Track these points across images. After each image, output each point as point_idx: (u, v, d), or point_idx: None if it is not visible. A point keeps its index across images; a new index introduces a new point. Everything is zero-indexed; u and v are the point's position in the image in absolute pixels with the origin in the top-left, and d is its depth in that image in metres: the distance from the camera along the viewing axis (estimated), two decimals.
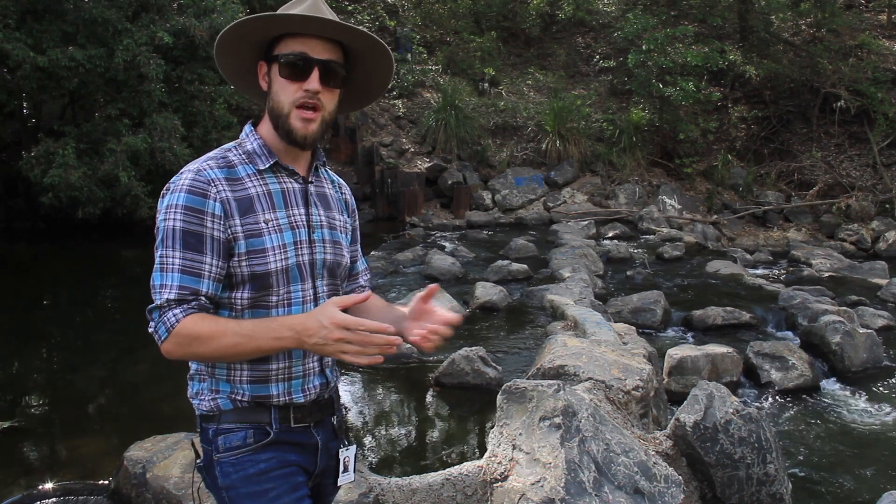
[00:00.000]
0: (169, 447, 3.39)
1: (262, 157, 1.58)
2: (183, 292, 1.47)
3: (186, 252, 1.48)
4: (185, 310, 1.46)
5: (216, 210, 1.49)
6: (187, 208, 1.48)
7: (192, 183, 1.49)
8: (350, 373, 5.00)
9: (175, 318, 1.45)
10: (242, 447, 1.56)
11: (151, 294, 1.49)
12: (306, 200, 1.64)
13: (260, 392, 1.58)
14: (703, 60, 12.31)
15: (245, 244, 1.52)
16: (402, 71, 14.12)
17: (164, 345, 1.47)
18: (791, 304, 6.56)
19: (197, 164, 1.54)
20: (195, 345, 1.46)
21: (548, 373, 3.69)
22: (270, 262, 1.54)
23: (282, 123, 1.55)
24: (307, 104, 1.54)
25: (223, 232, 1.50)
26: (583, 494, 2.68)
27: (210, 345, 1.45)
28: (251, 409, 1.58)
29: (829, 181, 12.30)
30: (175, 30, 9.42)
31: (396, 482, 3.00)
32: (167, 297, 1.46)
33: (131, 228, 10.11)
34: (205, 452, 1.61)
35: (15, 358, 5.87)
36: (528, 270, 7.78)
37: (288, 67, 1.53)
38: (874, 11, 15.43)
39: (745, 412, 3.21)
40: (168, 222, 1.48)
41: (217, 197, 1.50)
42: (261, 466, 1.56)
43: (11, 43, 8.37)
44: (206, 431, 1.60)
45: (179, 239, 1.47)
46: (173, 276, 1.48)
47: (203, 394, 1.59)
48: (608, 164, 12.88)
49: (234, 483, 1.55)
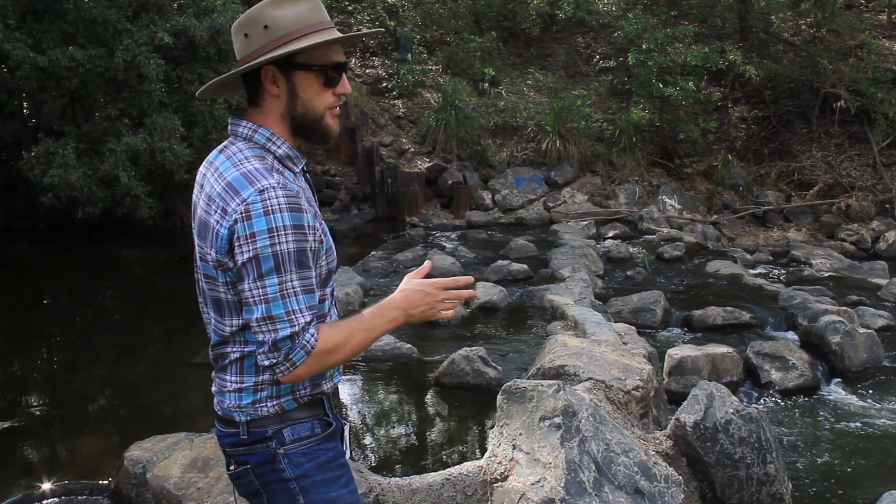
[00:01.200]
0: (169, 447, 3.39)
1: (295, 160, 1.58)
2: (312, 312, 1.47)
3: (302, 272, 1.46)
4: (315, 327, 1.47)
5: (310, 221, 1.49)
6: (295, 227, 1.44)
7: (288, 199, 1.44)
8: (350, 373, 5.01)
9: (313, 337, 1.45)
10: (312, 437, 1.59)
11: (267, 325, 1.43)
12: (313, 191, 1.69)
13: (318, 380, 1.62)
14: (703, 60, 12.30)
15: (325, 245, 1.57)
16: (402, 71, 14.11)
17: (299, 370, 1.46)
18: (791, 304, 6.56)
19: (272, 179, 1.45)
20: (332, 355, 1.49)
21: (548, 373, 3.69)
22: (334, 256, 1.62)
23: (318, 127, 1.58)
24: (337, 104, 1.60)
25: (316, 241, 1.51)
26: (583, 494, 2.68)
27: (345, 351, 1.51)
28: (310, 404, 1.62)
29: (829, 181, 12.29)
30: (175, 30, 9.42)
31: (396, 482, 3.00)
32: (303, 323, 1.44)
33: (131, 228, 10.11)
34: (255, 454, 1.58)
35: (15, 358, 5.87)
36: (528, 270, 7.78)
37: (328, 77, 1.56)
38: (874, 11, 15.42)
39: (745, 412, 3.21)
40: (280, 246, 1.42)
41: (308, 208, 1.49)
42: (330, 454, 1.61)
43: (11, 43, 8.36)
44: (260, 432, 1.58)
45: (294, 261, 1.44)
46: (299, 299, 1.45)
47: (262, 401, 1.58)
48: (608, 164, 12.87)
49: (309, 471, 1.58)
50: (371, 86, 14.27)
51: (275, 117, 1.57)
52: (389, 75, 14.51)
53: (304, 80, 1.54)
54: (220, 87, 1.69)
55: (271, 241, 1.42)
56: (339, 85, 1.57)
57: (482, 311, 6.42)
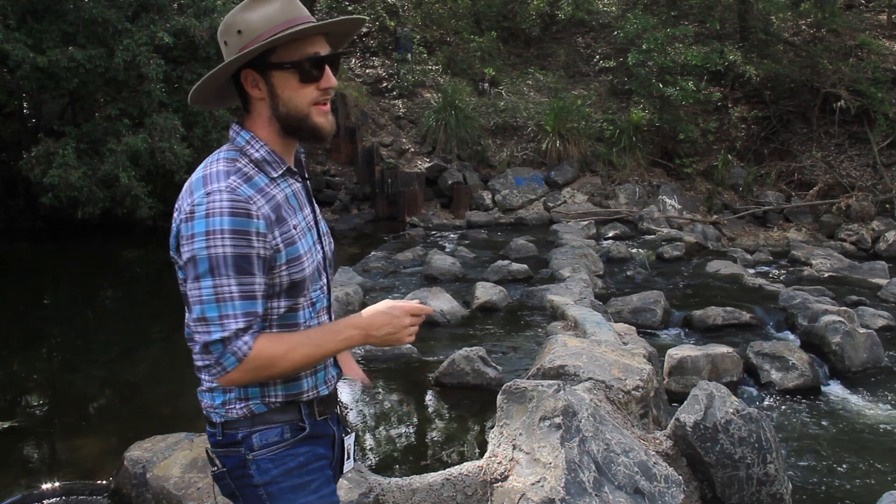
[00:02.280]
0: (169, 447, 3.39)
1: (273, 164, 1.55)
2: (248, 319, 1.44)
3: (242, 277, 1.43)
4: (252, 335, 1.44)
5: (261, 228, 1.45)
6: (234, 232, 1.42)
7: (232, 204, 1.43)
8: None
9: (246, 345, 1.42)
10: (280, 442, 1.57)
11: (201, 327, 1.43)
12: (309, 198, 1.65)
13: (293, 390, 1.59)
14: (703, 60, 12.31)
15: (285, 254, 1.51)
16: (403, 71, 14.12)
17: (231, 374, 1.44)
18: (791, 304, 6.56)
19: (223, 182, 1.46)
20: (268, 369, 1.45)
21: (548, 373, 3.69)
22: (306, 266, 1.55)
23: (304, 126, 1.54)
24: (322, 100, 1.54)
25: (266, 249, 1.47)
26: (583, 494, 2.68)
27: (282, 365, 1.46)
28: (283, 409, 1.59)
29: (829, 181, 12.29)
30: (175, 30, 9.41)
31: (396, 482, 3.00)
32: (235, 328, 1.42)
33: (131, 228, 10.10)
34: (230, 456, 1.58)
35: (15, 358, 5.87)
36: (528, 270, 7.78)
37: (305, 72, 1.51)
38: (874, 11, 15.42)
39: (745, 412, 3.21)
40: (215, 249, 1.41)
41: (258, 214, 1.45)
42: (300, 460, 1.58)
43: (11, 43, 8.36)
44: (233, 435, 1.57)
45: (232, 266, 1.42)
46: (234, 304, 1.43)
47: (231, 403, 1.57)
48: (608, 164, 12.87)
49: (276, 478, 1.56)
50: (371, 86, 14.27)
51: (263, 121, 1.57)
52: (389, 75, 14.51)
53: (281, 78, 1.52)
54: (216, 98, 1.69)
55: (207, 244, 1.41)
56: (323, 79, 1.53)
57: (482, 311, 6.42)
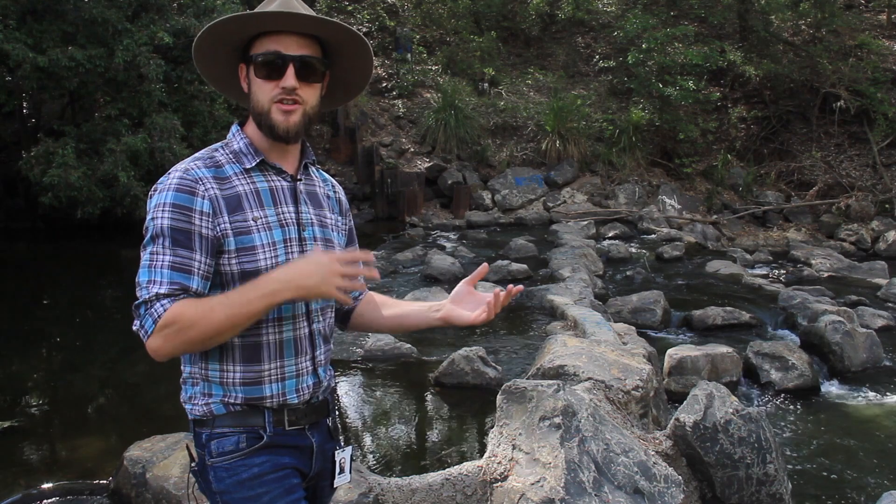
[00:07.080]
0: (169, 447, 3.39)
1: (248, 156, 1.59)
2: (173, 287, 1.45)
3: (177, 249, 1.47)
4: (172, 300, 1.44)
5: (204, 207, 1.49)
6: (175, 206, 1.48)
7: (179, 181, 1.50)
8: (349, 372, 5.01)
9: (163, 307, 1.42)
10: (235, 452, 1.55)
11: (137, 291, 1.47)
12: (295, 198, 1.63)
13: (253, 394, 1.56)
14: (703, 60, 12.31)
15: (234, 241, 1.52)
16: (402, 71, 14.12)
17: (152, 339, 1.43)
18: (791, 304, 6.56)
19: (184, 164, 1.55)
20: (186, 331, 1.42)
21: (548, 373, 3.69)
22: (260, 259, 1.53)
23: (264, 121, 1.56)
24: (285, 100, 1.54)
25: (211, 229, 1.50)
26: (583, 494, 2.68)
27: (201, 326, 1.42)
28: (244, 413, 1.56)
29: (828, 181, 12.30)
30: (175, 30, 9.42)
31: (396, 482, 3.00)
32: (157, 292, 1.43)
33: (131, 228, 10.08)
34: (199, 457, 1.59)
35: (15, 358, 5.87)
36: (528, 270, 7.78)
37: (262, 67, 1.53)
38: (874, 11, 15.43)
39: (744, 412, 3.21)
40: (157, 220, 1.48)
41: (205, 194, 1.50)
42: (254, 471, 1.55)
43: (11, 43, 8.36)
44: (200, 436, 1.58)
45: (168, 236, 1.47)
46: (163, 272, 1.45)
47: (196, 398, 1.58)
48: (608, 164, 12.88)
49: (228, 488, 1.55)
50: (371, 86, 14.26)
51: (251, 117, 1.62)
52: (389, 75, 14.51)
53: (252, 73, 1.57)
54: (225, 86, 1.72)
55: (153, 216, 1.49)
56: (282, 78, 1.52)
57: None
